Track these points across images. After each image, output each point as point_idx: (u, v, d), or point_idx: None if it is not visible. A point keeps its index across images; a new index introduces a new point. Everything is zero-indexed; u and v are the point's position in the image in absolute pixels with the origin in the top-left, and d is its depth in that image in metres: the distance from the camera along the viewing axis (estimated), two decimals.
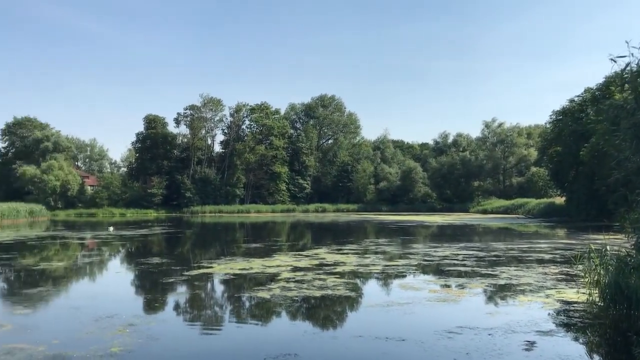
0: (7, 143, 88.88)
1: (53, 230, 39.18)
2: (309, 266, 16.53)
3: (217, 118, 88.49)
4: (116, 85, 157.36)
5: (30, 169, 75.40)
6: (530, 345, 7.93)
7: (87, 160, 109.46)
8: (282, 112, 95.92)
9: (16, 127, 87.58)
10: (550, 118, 54.01)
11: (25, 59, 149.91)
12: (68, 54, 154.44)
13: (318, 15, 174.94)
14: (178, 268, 16.64)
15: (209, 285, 13.82)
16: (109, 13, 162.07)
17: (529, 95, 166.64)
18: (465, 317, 9.71)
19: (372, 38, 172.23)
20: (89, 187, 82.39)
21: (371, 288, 13.40)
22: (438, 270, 16.04)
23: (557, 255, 19.52)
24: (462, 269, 16.10)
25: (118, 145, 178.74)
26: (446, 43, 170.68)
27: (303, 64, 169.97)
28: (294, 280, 13.71)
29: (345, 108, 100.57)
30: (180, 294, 12.51)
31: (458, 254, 20.06)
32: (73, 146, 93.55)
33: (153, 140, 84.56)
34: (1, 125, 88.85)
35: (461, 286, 13.02)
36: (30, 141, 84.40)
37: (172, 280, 14.24)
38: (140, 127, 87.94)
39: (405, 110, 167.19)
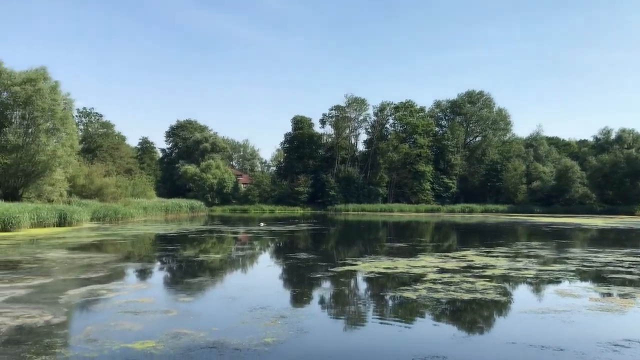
0: (171, 144, 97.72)
1: (210, 224, 42.15)
2: (456, 268, 16.04)
3: (361, 117, 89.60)
4: (267, 88, 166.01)
5: (191, 168, 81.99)
6: None
7: (241, 159, 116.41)
8: (427, 109, 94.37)
9: (179, 130, 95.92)
10: None
11: (187, 65, 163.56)
12: (224, 59, 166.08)
13: (464, 10, 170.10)
14: (324, 264, 17.00)
15: (354, 282, 13.94)
16: (260, 20, 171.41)
17: None
18: (634, 330, 8.81)
19: (524, 31, 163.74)
20: (242, 185, 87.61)
21: (524, 293, 12.63)
22: (599, 277, 14.72)
23: None
24: (628, 276, 14.62)
25: (268, 145, 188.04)
26: (604, 33, 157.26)
27: (449, 60, 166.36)
28: (440, 281, 13.36)
29: (494, 104, 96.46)
30: (326, 289, 12.76)
31: (623, 261, 18.28)
32: (228, 147, 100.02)
33: (300, 141, 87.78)
34: (167, 127, 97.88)
35: (627, 296, 11.82)
36: (191, 142, 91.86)
37: (319, 275, 14.57)
38: (289, 128, 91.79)
39: (561, 105, 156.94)
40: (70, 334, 8.03)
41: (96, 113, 76.33)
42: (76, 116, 68.33)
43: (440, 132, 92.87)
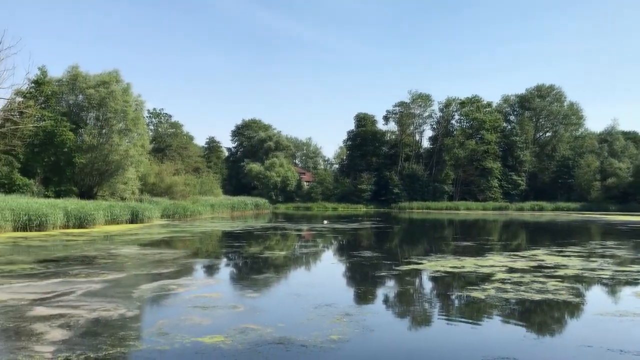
0: (236, 143, 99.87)
1: (274, 222, 42.72)
2: (525, 267, 15.52)
3: (426, 114, 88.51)
4: (330, 86, 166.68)
5: (255, 166, 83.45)
6: None
7: (304, 157, 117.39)
8: (494, 104, 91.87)
9: (244, 129, 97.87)
10: None
11: (252, 65, 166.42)
12: (287, 59, 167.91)
13: (531, 1, 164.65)
14: (388, 262, 16.86)
15: (419, 281, 13.74)
16: (321, 19, 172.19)
17: None
18: None
19: (595, 21, 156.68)
20: (305, 183, 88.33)
21: (599, 294, 12.08)
22: None
23: None
24: None
25: (331, 143, 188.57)
26: None
27: (517, 53, 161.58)
28: (509, 281, 12.97)
29: (565, 98, 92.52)
30: (391, 287, 12.64)
31: None
32: (292, 145, 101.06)
33: (363, 138, 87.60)
34: (232, 127, 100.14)
35: None
36: (256, 141, 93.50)
37: (383, 274, 14.47)
38: (351, 126, 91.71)
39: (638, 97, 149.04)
40: (143, 327, 8.32)
41: (165, 114, 78.92)
42: (147, 117, 70.81)
43: (509, 127, 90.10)
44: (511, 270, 15.00)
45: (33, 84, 41.30)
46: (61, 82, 43.31)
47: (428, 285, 13.33)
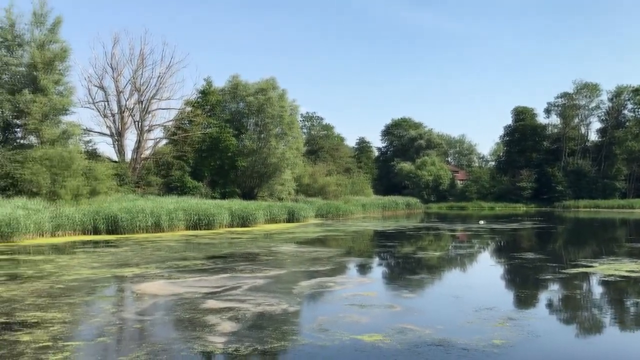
0: (386, 143, 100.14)
1: (427, 222, 42.09)
2: None
3: (593, 105, 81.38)
4: (482, 80, 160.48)
5: (406, 165, 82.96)
6: None
7: (457, 155, 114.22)
8: None
9: (394, 128, 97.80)
10: None
11: (399, 63, 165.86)
12: (435, 54, 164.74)
13: None
14: (552, 265, 15.77)
15: (589, 285, 12.66)
16: (468, 11, 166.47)
17: None
18: None
19: None
20: (458, 182, 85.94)
21: None
22: None
23: None
24: None
25: (486, 139, 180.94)
26: None
27: None
28: None
29: None
30: (557, 292, 11.81)
31: None
32: (444, 142, 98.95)
33: (521, 133, 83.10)
34: (382, 127, 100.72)
35: None
36: (406, 140, 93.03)
37: (548, 277, 13.54)
38: (509, 120, 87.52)
39: None
40: (303, 323, 8.61)
41: (318, 117, 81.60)
42: (300, 120, 73.68)
43: None
44: None
45: (200, 94, 45.13)
46: (224, 91, 46.79)
47: (599, 291, 12.24)
